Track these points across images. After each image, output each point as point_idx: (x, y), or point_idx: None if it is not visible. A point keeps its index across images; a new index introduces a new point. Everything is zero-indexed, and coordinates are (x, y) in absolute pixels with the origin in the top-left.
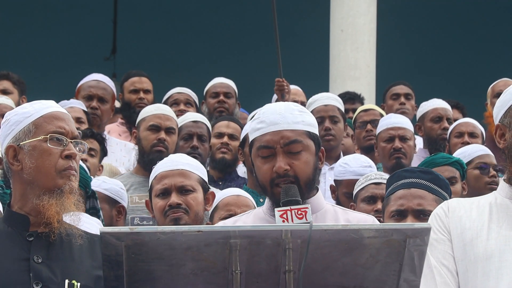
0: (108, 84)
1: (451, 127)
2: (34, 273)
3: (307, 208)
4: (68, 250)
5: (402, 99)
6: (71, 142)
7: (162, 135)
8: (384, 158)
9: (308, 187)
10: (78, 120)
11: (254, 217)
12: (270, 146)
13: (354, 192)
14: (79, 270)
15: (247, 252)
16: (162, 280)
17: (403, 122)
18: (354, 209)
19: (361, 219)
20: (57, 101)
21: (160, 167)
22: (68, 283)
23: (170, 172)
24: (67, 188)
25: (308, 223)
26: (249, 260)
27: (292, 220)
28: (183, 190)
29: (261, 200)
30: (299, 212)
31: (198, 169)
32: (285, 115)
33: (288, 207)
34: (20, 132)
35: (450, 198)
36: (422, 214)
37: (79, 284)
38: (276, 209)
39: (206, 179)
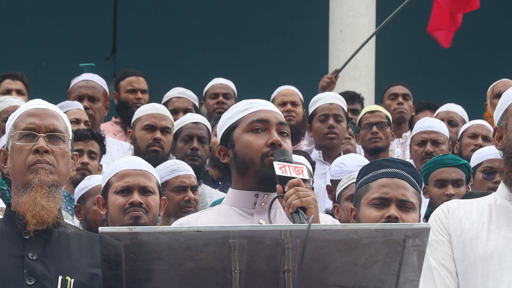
0: (98, 82)
1: (464, 127)
2: (28, 270)
3: (304, 167)
4: (65, 248)
5: (400, 99)
6: (43, 136)
7: (158, 134)
8: (416, 161)
9: None
10: (86, 122)
11: (218, 213)
12: (266, 120)
13: (338, 192)
14: (74, 267)
15: (246, 252)
16: (161, 279)
17: (437, 126)
18: (337, 211)
19: (321, 218)
20: (57, 102)
21: (121, 165)
22: (62, 279)
23: (133, 171)
24: (36, 182)
25: (307, 179)
26: (248, 260)
27: (291, 173)
28: (145, 191)
29: None
30: (297, 169)
31: (155, 173)
32: (273, 105)
33: (286, 162)
34: (7, 136)
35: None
36: (404, 205)
37: (72, 280)
38: (274, 162)
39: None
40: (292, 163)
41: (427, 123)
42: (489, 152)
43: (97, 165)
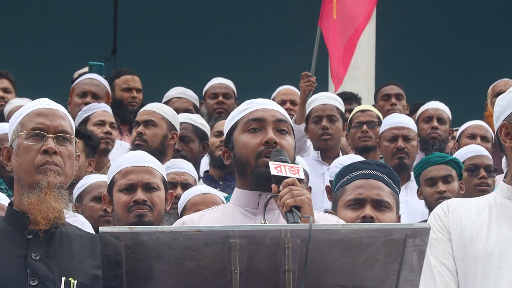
0: (102, 82)
1: (462, 128)
2: (31, 270)
3: (300, 167)
4: (67, 249)
5: (393, 100)
6: (52, 137)
7: (139, 129)
8: (387, 158)
9: None
10: (112, 124)
11: (222, 212)
12: (262, 119)
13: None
14: (77, 268)
15: (246, 251)
16: (161, 279)
17: (407, 122)
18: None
19: (325, 219)
20: (57, 102)
21: (124, 162)
22: (65, 280)
23: (136, 168)
24: (44, 184)
25: (302, 179)
26: (248, 260)
27: (286, 173)
28: (149, 188)
29: None
30: (293, 169)
31: (161, 168)
32: (273, 103)
33: (282, 162)
34: (12, 133)
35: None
36: (380, 205)
37: (76, 281)
38: (270, 162)
39: (166, 179)
40: (288, 162)
41: (397, 119)
42: (468, 151)
43: (83, 163)
